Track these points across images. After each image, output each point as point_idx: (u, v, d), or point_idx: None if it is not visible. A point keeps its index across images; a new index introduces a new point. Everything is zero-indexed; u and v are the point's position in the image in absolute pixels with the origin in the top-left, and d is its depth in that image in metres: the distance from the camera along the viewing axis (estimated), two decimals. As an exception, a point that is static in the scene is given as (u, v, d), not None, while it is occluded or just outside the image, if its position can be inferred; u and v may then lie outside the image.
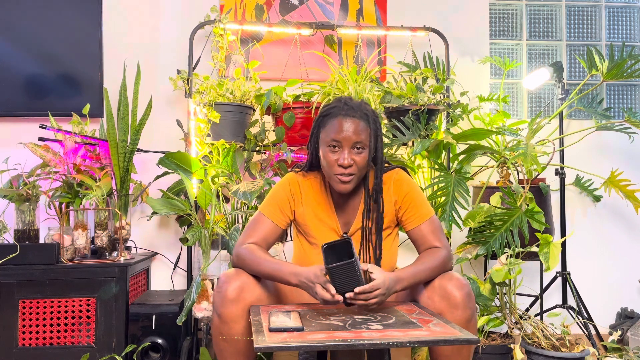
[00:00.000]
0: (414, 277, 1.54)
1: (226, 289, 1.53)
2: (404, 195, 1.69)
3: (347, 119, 1.59)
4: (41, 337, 2.18)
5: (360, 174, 1.63)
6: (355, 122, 1.59)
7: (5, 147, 2.64)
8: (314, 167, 1.75)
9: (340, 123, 1.59)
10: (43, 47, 2.66)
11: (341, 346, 1.20)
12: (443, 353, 1.55)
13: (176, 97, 2.76)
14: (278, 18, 2.85)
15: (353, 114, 1.59)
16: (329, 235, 1.70)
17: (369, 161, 1.63)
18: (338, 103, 1.64)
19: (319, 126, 1.66)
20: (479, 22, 2.99)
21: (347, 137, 1.58)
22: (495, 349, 2.23)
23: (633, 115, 2.58)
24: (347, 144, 1.58)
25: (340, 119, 1.59)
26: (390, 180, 1.70)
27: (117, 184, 2.46)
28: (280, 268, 1.55)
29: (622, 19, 3.15)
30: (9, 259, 2.16)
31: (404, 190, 1.69)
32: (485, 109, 2.76)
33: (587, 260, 2.96)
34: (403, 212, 1.69)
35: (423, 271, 1.56)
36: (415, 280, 1.55)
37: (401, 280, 1.50)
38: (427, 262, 1.58)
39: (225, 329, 1.52)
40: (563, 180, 2.68)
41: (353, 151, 1.59)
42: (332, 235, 1.70)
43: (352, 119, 1.59)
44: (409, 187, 1.70)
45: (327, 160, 1.62)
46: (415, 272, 1.55)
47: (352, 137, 1.58)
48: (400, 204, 1.69)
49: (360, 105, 1.63)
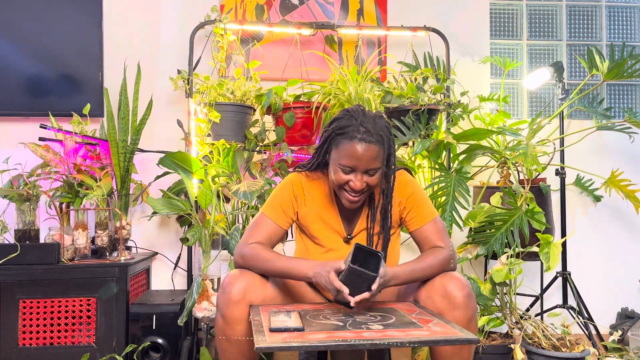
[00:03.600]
0: (410, 274, 1.54)
1: (230, 290, 1.51)
2: (408, 195, 1.68)
3: (363, 144, 1.51)
4: (41, 337, 2.18)
5: (370, 191, 1.62)
6: (371, 148, 1.51)
7: (6, 147, 2.64)
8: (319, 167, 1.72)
9: (355, 149, 1.51)
10: (43, 47, 2.66)
11: (342, 346, 1.20)
12: (444, 353, 1.55)
13: (176, 97, 2.76)
14: (278, 18, 2.85)
15: (369, 139, 1.51)
16: (332, 236, 1.70)
17: (381, 179, 1.60)
18: (354, 122, 1.54)
19: (331, 142, 1.59)
20: (479, 22, 3.00)
21: (361, 164, 1.53)
22: (495, 349, 2.23)
23: (633, 115, 2.58)
24: (360, 169, 1.54)
25: (356, 144, 1.51)
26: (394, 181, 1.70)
27: (117, 184, 2.47)
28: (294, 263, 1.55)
29: (623, 18, 3.14)
30: (10, 258, 2.16)
31: (408, 191, 1.69)
32: (486, 108, 2.76)
33: (588, 260, 2.96)
34: (407, 213, 1.69)
35: (421, 269, 1.56)
36: (412, 278, 1.55)
37: (397, 276, 1.51)
38: (426, 260, 1.58)
39: (228, 330, 1.51)
40: (563, 180, 2.68)
41: (366, 175, 1.56)
42: (335, 236, 1.70)
43: (368, 144, 1.51)
44: (413, 188, 1.69)
45: (337, 179, 1.58)
46: (412, 270, 1.55)
47: (366, 165, 1.53)
48: (405, 205, 1.69)
49: (376, 124, 1.54)
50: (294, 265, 1.55)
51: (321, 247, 1.70)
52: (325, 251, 1.70)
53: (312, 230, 1.71)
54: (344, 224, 1.71)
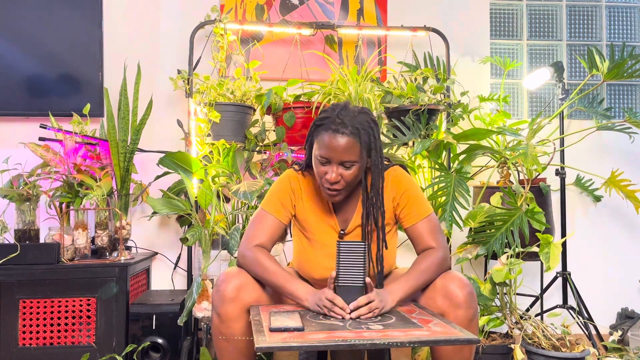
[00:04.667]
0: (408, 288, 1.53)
1: (225, 288, 1.53)
2: (402, 192, 1.68)
3: (337, 135, 1.51)
4: (41, 337, 2.18)
5: (350, 187, 1.60)
6: (344, 139, 1.51)
7: (6, 147, 2.64)
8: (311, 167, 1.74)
9: (330, 139, 1.52)
10: (43, 47, 2.66)
11: (342, 346, 1.20)
12: (444, 353, 1.55)
13: (176, 97, 2.76)
14: (278, 18, 2.85)
15: (343, 130, 1.51)
16: (327, 232, 1.70)
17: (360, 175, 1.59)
18: (332, 113, 1.56)
19: (312, 134, 1.61)
20: (480, 22, 2.99)
21: (335, 155, 1.53)
22: (495, 349, 2.23)
23: (633, 115, 2.58)
24: (335, 161, 1.54)
25: (330, 134, 1.52)
26: (389, 177, 1.69)
27: (117, 184, 2.47)
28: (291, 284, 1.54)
29: (623, 18, 3.14)
30: (10, 258, 2.16)
31: (402, 187, 1.68)
32: (486, 109, 2.76)
33: (588, 260, 2.96)
34: (401, 209, 1.68)
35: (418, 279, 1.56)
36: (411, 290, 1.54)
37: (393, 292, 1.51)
38: (421, 268, 1.57)
39: (224, 328, 1.52)
40: (563, 180, 2.68)
41: (341, 167, 1.56)
42: (331, 232, 1.70)
43: (342, 135, 1.51)
44: (408, 184, 1.69)
45: (317, 172, 1.60)
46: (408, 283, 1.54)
47: (340, 156, 1.53)
48: (399, 201, 1.68)
49: (355, 116, 1.55)
50: (291, 286, 1.54)
51: (316, 243, 1.70)
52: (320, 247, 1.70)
53: (308, 224, 1.71)
54: (339, 220, 1.71)
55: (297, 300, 1.53)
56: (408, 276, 1.56)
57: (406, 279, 1.55)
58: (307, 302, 1.50)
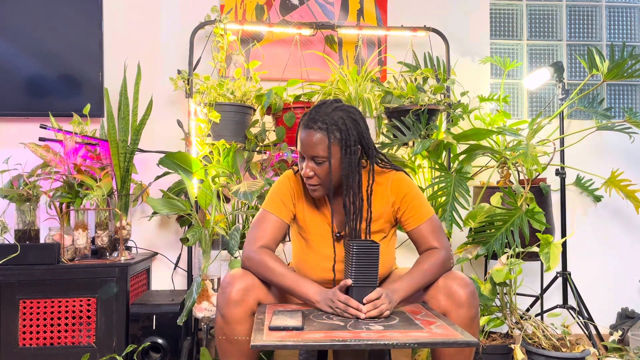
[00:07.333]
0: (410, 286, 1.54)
1: (230, 290, 1.52)
2: (403, 195, 1.67)
3: (305, 130, 1.56)
4: (42, 337, 2.19)
5: (327, 184, 1.60)
6: (311, 134, 1.54)
7: (6, 147, 2.65)
8: None
9: (301, 134, 1.58)
10: (43, 47, 2.66)
11: (337, 346, 1.20)
12: (445, 353, 1.55)
13: (177, 97, 2.76)
14: (278, 18, 2.85)
15: (311, 125, 1.54)
16: (324, 233, 1.69)
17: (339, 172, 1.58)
18: (309, 110, 1.60)
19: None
20: (480, 22, 2.99)
21: (305, 150, 1.57)
22: (495, 349, 2.23)
23: (633, 115, 2.57)
24: (306, 156, 1.58)
25: (301, 130, 1.58)
26: (388, 181, 1.69)
27: (117, 184, 2.47)
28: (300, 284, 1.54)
29: (623, 18, 3.14)
30: (10, 259, 2.17)
31: (403, 190, 1.68)
32: (486, 109, 2.76)
33: (588, 260, 2.96)
34: (402, 213, 1.68)
35: (420, 278, 1.56)
36: (413, 288, 1.54)
37: (396, 290, 1.51)
38: (423, 267, 1.57)
39: (228, 329, 1.52)
40: (563, 180, 2.67)
41: (313, 162, 1.58)
42: (328, 234, 1.69)
43: (309, 130, 1.55)
44: (408, 187, 1.68)
45: (299, 167, 1.64)
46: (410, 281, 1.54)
47: (309, 151, 1.56)
48: (399, 205, 1.68)
49: (329, 114, 1.55)
50: (300, 286, 1.54)
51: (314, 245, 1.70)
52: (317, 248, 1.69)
53: (306, 224, 1.71)
54: (337, 221, 1.70)
55: (308, 302, 1.53)
56: (410, 275, 1.56)
57: (409, 278, 1.55)
58: (318, 303, 1.50)
